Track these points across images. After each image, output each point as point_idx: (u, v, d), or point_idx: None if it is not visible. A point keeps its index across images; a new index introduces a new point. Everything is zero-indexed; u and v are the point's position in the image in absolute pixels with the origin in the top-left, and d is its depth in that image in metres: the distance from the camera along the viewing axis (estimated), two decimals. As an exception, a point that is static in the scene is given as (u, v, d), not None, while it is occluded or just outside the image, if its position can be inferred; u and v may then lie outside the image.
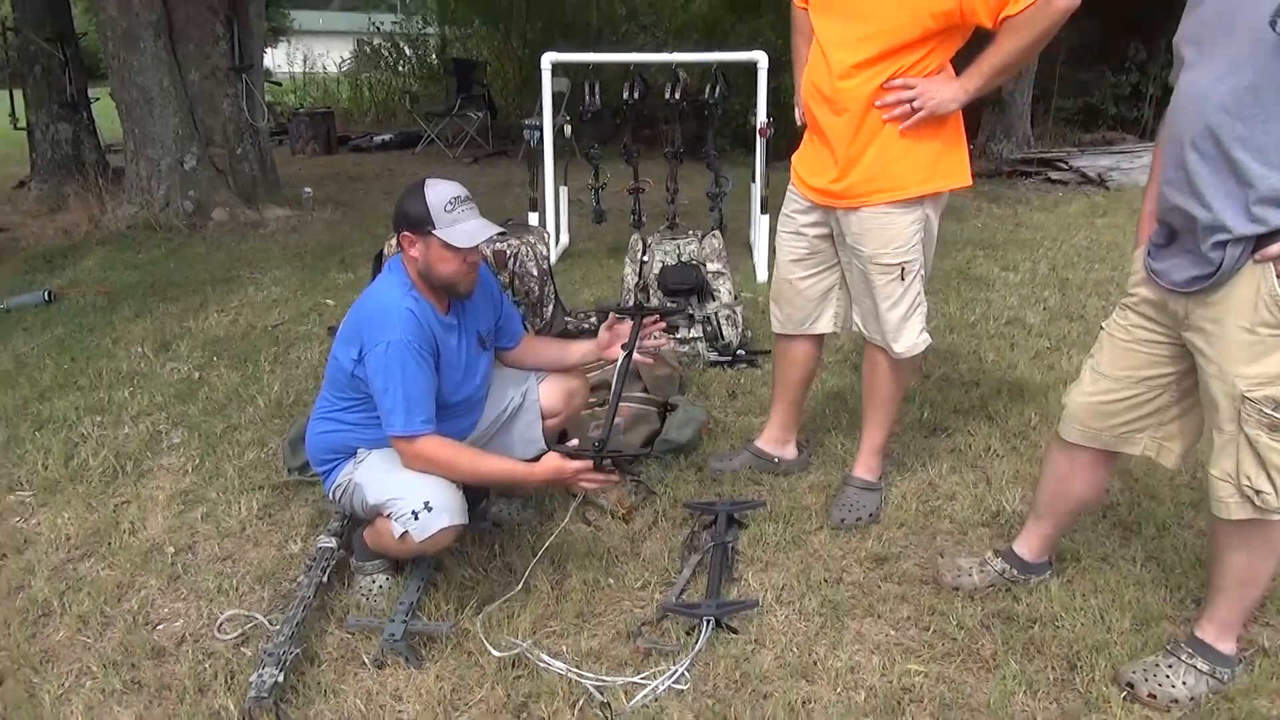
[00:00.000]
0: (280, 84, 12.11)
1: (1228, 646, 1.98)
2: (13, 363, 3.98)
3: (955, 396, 3.48)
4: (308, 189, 7.35)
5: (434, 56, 14.46)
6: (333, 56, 17.95)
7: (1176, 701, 1.92)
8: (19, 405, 3.53)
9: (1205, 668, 1.95)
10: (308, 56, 16.62)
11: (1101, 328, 2.07)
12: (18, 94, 7.79)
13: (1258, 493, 1.77)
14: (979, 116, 10.11)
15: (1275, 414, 1.72)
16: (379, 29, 16.00)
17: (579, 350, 2.69)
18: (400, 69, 14.94)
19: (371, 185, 8.89)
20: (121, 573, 2.49)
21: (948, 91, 2.32)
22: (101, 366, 3.90)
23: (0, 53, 7.68)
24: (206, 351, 4.09)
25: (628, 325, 2.56)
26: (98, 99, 7.91)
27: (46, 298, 4.76)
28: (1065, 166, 8.51)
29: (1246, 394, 1.73)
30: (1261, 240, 1.68)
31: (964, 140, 2.48)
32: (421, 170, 9.77)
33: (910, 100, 2.32)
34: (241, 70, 6.81)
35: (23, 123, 7.71)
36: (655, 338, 2.61)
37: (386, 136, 11.89)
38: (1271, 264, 1.68)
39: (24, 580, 2.47)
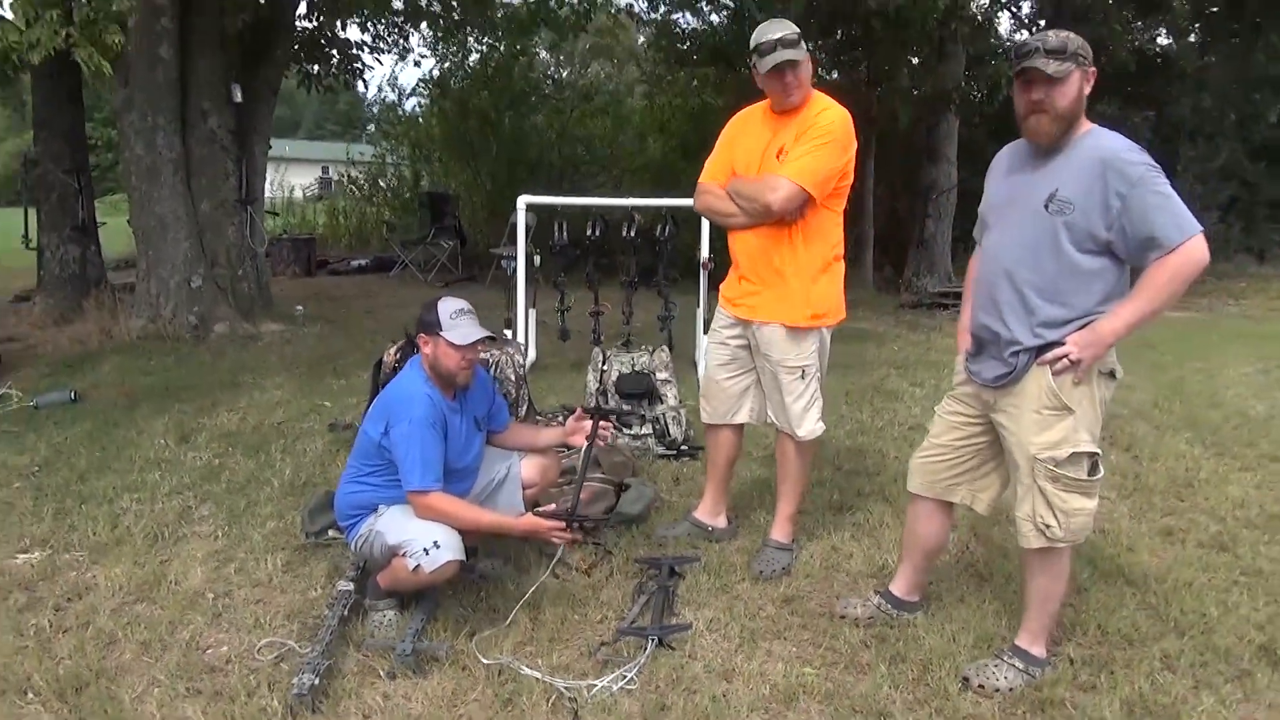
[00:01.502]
0: (278, 214, 12.96)
1: (1039, 651, 2.66)
2: (50, 451, 4.53)
3: (859, 483, 4.21)
4: (300, 306, 8.08)
5: (407, 192, 15.45)
6: (302, 183, 18.95)
7: (999, 690, 2.58)
8: (62, 485, 4.08)
9: (1021, 665, 2.62)
10: (282, 184, 17.55)
11: (935, 410, 2.83)
12: (32, 215, 8.48)
13: (1047, 526, 2.49)
14: (905, 254, 11.24)
15: (1056, 469, 2.46)
16: (353, 161, 17.07)
17: (548, 435, 3.41)
18: (374, 199, 15.94)
19: (352, 305, 9.62)
20: (172, 612, 3.00)
21: None
22: (131, 454, 4.48)
23: (19, 181, 8.42)
24: (222, 443, 4.69)
25: (589, 422, 3.27)
26: (104, 224, 8.65)
27: (73, 397, 5.34)
28: (978, 300, 9.51)
29: (1036, 456, 2.48)
30: (1041, 350, 2.46)
31: (839, 288, 3.30)
32: (398, 292, 10.56)
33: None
34: (247, 202, 7.65)
35: (34, 243, 8.40)
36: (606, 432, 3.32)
37: (363, 261, 12.70)
38: (1048, 366, 2.45)
39: (89, 617, 2.97)
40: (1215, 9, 13.89)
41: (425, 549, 2.74)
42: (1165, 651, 2.79)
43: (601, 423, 3.26)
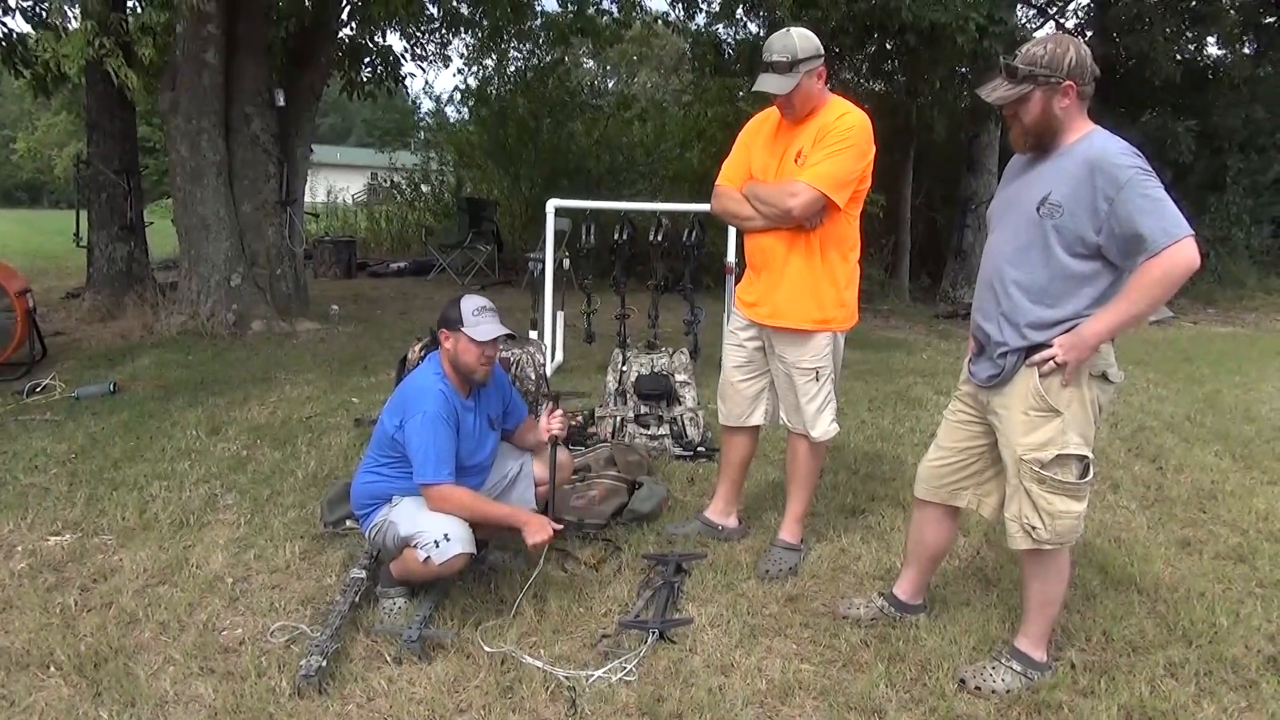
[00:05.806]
0: (318, 216, 13.22)
1: (1039, 655, 2.65)
2: (87, 439, 4.69)
3: (873, 488, 4.21)
4: (335, 306, 8.25)
5: (449, 195, 15.67)
6: (351, 189, 19.33)
7: (995, 692, 2.57)
8: (96, 472, 4.22)
9: (1019, 668, 2.62)
10: (331, 190, 17.90)
11: (944, 414, 2.83)
12: (84, 215, 8.77)
13: (1033, 528, 2.49)
14: (942, 264, 11.14)
15: (1041, 471, 2.45)
16: (396, 168, 17.35)
17: None
18: (416, 204, 16.17)
19: (388, 306, 9.80)
20: (191, 595, 3.10)
21: None
22: (163, 444, 4.62)
23: (72, 181, 8.73)
24: (251, 435, 4.82)
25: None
26: (151, 224, 8.92)
27: (111, 389, 5.53)
28: (1014, 311, 9.41)
29: (1022, 457, 2.48)
30: (1029, 351, 2.47)
31: (854, 293, 3.31)
32: (433, 295, 10.70)
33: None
34: (286, 204, 7.84)
35: (84, 241, 8.68)
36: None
37: (402, 264, 12.89)
38: (1036, 368, 2.45)
39: (113, 598, 3.08)
40: (1271, 19, 13.62)
41: (436, 541, 2.81)
42: (1170, 659, 2.77)
43: (555, 411, 3.29)
